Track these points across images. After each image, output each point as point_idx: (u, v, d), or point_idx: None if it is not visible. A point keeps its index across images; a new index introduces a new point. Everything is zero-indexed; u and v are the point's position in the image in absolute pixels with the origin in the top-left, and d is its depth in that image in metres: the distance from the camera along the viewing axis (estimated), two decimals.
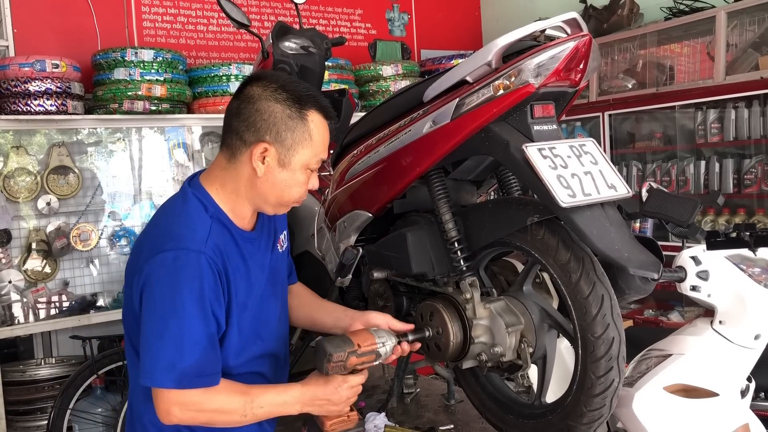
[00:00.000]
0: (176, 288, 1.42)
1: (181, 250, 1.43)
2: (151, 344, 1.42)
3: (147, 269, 1.45)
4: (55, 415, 2.99)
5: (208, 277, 1.44)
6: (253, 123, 1.49)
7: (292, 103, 1.50)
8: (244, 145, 1.50)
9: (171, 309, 1.41)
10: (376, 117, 1.94)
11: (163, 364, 1.41)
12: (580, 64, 1.49)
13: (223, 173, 1.55)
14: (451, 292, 1.74)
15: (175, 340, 1.41)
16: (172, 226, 1.50)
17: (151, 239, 1.51)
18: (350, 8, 5.26)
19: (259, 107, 1.49)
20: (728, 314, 1.70)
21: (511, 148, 1.50)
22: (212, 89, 4.02)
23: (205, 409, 1.46)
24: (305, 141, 1.51)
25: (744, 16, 3.94)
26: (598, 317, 1.45)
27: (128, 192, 3.94)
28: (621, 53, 4.57)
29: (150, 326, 1.43)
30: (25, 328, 3.56)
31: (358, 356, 1.55)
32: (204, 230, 1.48)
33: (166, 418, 1.44)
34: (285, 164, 1.51)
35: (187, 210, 1.52)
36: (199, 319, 1.43)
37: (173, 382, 1.41)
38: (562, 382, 1.63)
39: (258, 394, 1.51)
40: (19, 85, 3.47)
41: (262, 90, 1.50)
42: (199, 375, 1.43)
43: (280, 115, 1.49)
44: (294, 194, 1.57)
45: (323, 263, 2.27)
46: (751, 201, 3.99)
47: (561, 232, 1.51)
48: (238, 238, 1.56)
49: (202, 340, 1.43)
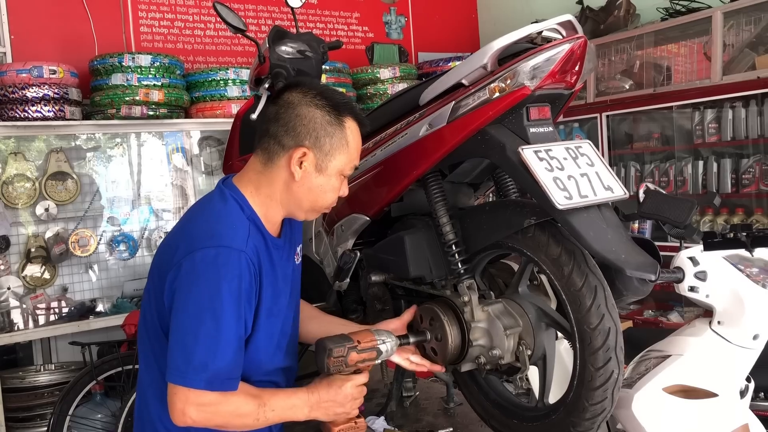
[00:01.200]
0: (216, 286, 1.41)
1: (223, 248, 1.43)
2: (186, 341, 1.41)
3: (186, 265, 1.43)
4: (54, 422, 2.99)
5: (246, 278, 1.45)
6: (293, 128, 1.50)
7: (331, 109, 1.52)
8: (282, 149, 1.51)
9: (209, 307, 1.40)
10: (372, 120, 1.94)
11: (196, 364, 1.39)
12: (575, 66, 1.49)
13: (258, 177, 1.56)
14: (449, 295, 1.74)
15: (209, 340, 1.40)
16: (212, 224, 1.50)
17: (189, 236, 1.49)
18: (347, 11, 5.27)
19: (299, 112, 1.51)
20: (727, 314, 1.70)
21: (507, 151, 1.50)
22: (210, 94, 4.02)
23: (221, 411, 1.45)
24: (342, 147, 1.53)
25: (740, 16, 3.94)
26: (592, 308, 1.45)
27: (127, 197, 3.94)
28: (618, 54, 4.58)
29: (185, 322, 1.42)
30: (25, 334, 3.56)
31: (358, 352, 1.54)
32: (244, 231, 1.49)
33: (180, 418, 1.42)
34: (322, 169, 1.53)
35: (227, 210, 1.52)
36: (234, 319, 1.43)
37: (204, 383, 1.40)
38: (563, 385, 1.63)
39: (269, 398, 1.51)
40: (16, 91, 3.47)
41: (302, 96, 1.52)
42: (228, 378, 1.43)
43: (320, 121, 1.51)
44: (328, 199, 1.59)
45: (321, 267, 2.27)
46: (750, 200, 4.00)
47: (551, 229, 1.51)
48: (269, 244, 1.56)
49: (234, 341, 1.43)
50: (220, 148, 4.16)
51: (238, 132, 2.53)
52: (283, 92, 1.56)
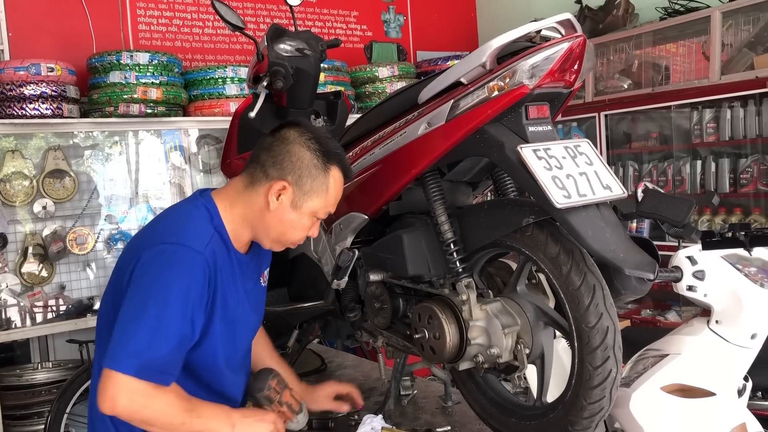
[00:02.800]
0: (166, 279, 1.46)
1: (181, 246, 1.49)
2: (126, 327, 1.44)
3: (144, 257, 1.49)
4: (52, 420, 2.98)
5: (198, 279, 1.49)
6: (280, 161, 1.58)
7: (320, 154, 1.59)
8: (265, 178, 1.59)
9: (155, 297, 1.45)
10: (371, 119, 1.94)
11: (131, 350, 1.41)
12: (574, 65, 1.49)
13: (236, 195, 1.63)
14: (448, 293, 1.74)
15: (149, 329, 1.43)
16: (176, 224, 1.58)
17: (155, 232, 1.58)
18: (346, 10, 5.26)
19: (290, 149, 1.59)
20: (725, 314, 1.70)
21: (506, 150, 1.50)
22: (208, 92, 4.01)
23: (150, 405, 1.45)
24: (322, 191, 1.61)
25: (739, 16, 3.94)
26: (590, 307, 1.45)
27: (125, 195, 3.94)
28: (616, 53, 4.58)
29: (129, 310, 1.46)
30: (22, 332, 3.55)
31: (291, 395, 1.73)
32: (206, 235, 1.55)
33: (109, 404, 1.42)
34: (297, 206, 1.60)
35: (194, 214, 1.59)
36: (179, 316, 1.46)
37: (134, 369, 1.41)
38: (561, 384, 1.63)
39: (199, 405, 1.54)
40: (14, 88, 3.46)
41: (298, 135, 1.61)
42: (161, 371, 1.45)
43: (307, 162, 1.58)
44: (295, 236, 1.66)
45: (319, 266, 2.26)
46: (748, 200, 4.00)
47: (549, 228, 1.52)
48: (233, 256, 1.62)
49: (174, 336, 1.45)
50: (218, 146, 4.16)
51: (237, 130, 2.52)
52: (283, 127, 1.64)
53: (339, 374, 2.92)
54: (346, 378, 2.86)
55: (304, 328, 2.60)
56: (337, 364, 3.01)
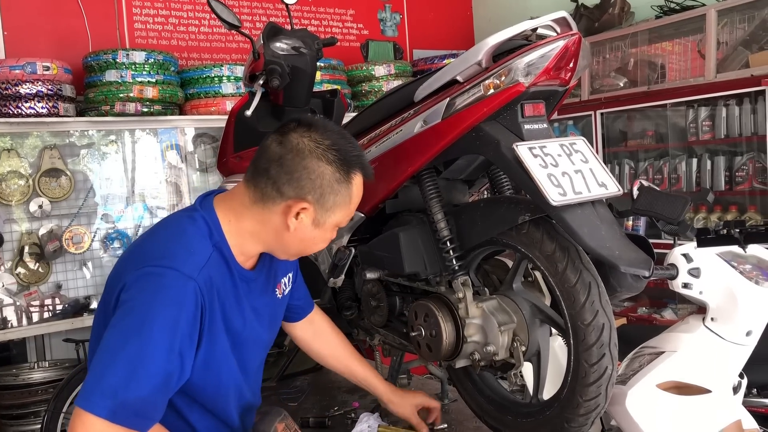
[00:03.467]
0: (151, 308, 1.28)
1: (170, 270, 1.32)
2: (103, 361, 1.26)
3: (130, 280, 1.33)
4: (48, 419, 2.97)
5: (188, 309, 1.32)
6: (297, 179, 1.38)
7: (340, 165, 1.40)
8: (280, 196, 1.40)
9: (137, 329, 1.26)
10: (367, 117, 1.94)
11: (105, 388, 1.23)
12: (569, 63, 1.50)
13: (243, 210, 1.44)
14: (444, 291, 1.74)
15: (127, 366, 1.25)
16: (169, 242, 1.39)
17: (143, 251, 1.41)
18: (342, 9, 5.26)
19: (308, 165, 1.38)
20: (720, 311, 1.71)
21: (501, 147, 1.50)
22: (204, 90, 4.01)
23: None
24: (345, 204, 1.44)
25: (734, 14, 3.95)
26: (586, 304, 1.46)
27: (121, 194, 3.93)
28: (612, 52, 4.58)
29: (109, 341, 1.28)
30: (18, 331, 3.54)
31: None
32: (202, 257, 1.37)
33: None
34: (319, 224, 1.44)
35: (191, 231, 1.41)
36: (163, 351, 1.28)
37: (106, 411, 1.22)
38: (557, 381, 1.63)
39: None
40: (9, 87, 3.45)
41: (314, 146, 1.39)
42: (137, 414, 1.26)
43: (329, 178, 1.39)
44: (317, 248, 1.52)
45: (316, 264, 2.27)
46: (743, 198, 4.01)
47: (545, 225, 1.52)
48: (236, 275, 1.46)
49: (156, 375, 1.27)
50: (214, 145, 4.15)
51: (233, 129, 2.52)
52: (292, 132, 1.41)
53: (335, 372, 2.92)
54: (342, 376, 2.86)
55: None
56: None
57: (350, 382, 2.12)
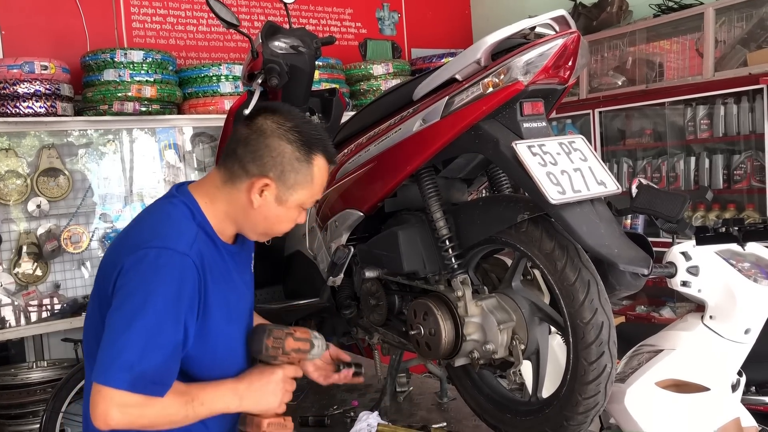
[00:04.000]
0: (153, 286, 1.37)
1: (165, 250, 1.40)
2: (115, 339, 1.35)
3: (127, 264, 1.40)
4: (47, 419, 2.97)
5: (188, 282, 1.41)
6: (260, 156, 1.48)
7: (301, 145, 1.50)
8: (245, 174, 1.50)
9: (142, 306, 1.36)
10: (366, 116, 1.94)
11: (121, 363, 1.33)
12: (568, 61, 1.50)
13: (215, 191, 1.54)
14: (443, 290, 1.75)
15: (139, 340, 1.35)
16: (157, 226, 1.48)
17: (134, 237, 1.48)
18: (340, 8, 5.26)
19: (269, 143, 1.49)
20: (718, 309, 1.71)
21: (500, 146, 1.50)
22: (202, 90, 4.01)
23: (146, 414, 1.38)
24: (307, 183, 1.52)
25: (732, 13, 3.96)
26: (585, 302, 1.46)
27: (119, 194, 3.92)
28: (610, 50, 4.59)
29: (117, 321, 1.37)
30: (16, 331, 3.54)
31: (295, 340, 1.60)
32: (190, 235, 1.46)
33: (102, 420, 1.34)
34: (282, 201, 1.52)
35: (175, 213, 1.50)
36: (171, 323, 1.38)
37: (127, 383, 1.33)
38: (556, 379, 1.63)
39: (198, 392, 1.47)
40: (7, 87, 3.45)
41: (276, 126, 1.50)
42: (154, 382, 1.37)
43: (288, 156, 1.49)
44: (282, 228, 1.59)
45: (315, 263, 2.27)
46: (741, 196, 4.02)
47: (544, 224, 1.52)
48: (222, 250, 1.55)
49: (167, 345, 1.38)
50: (212, 144, 4.15)
51: (231, 128, 2.52)
52: (258, 116, 1.53)
53: None
54: None
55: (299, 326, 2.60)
56: None
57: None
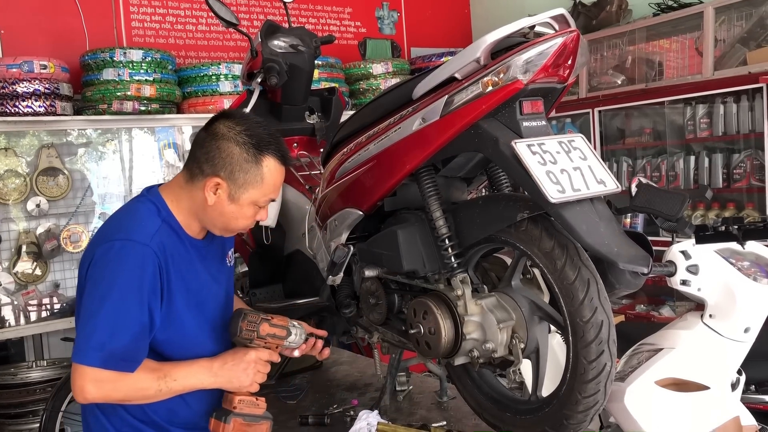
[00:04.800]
0: (116, 274, 1.54)
1: (127, 241, 1.56)
2: (86, 322, 1.53)
3: (94, 256, 1.57)
4: (47, 418, 2.97)
5: (148, 270, 1.56)
6: (212, 158, 1.62)
7: (250, 147, 1.62)
8: (201, 174, 1.64)
9: (108, 292, 1.52)
10: (365, 115, 1.94)
11: (93, 343, 1.50)
12: (568, 60, 1.49)
13: (179, 191, 1.68)
14: (443, 289, 1.74)
15: (108, 322, 1.51)
16: (123, 220, 1.65)
17: (104, 231, 1.66)
18: (340, 7, 5.26)
19: (220, 145, 1.62)
20: (718, 308, 1.71)
21: (500, 145, 1.50)
22: (202, 89, 4.01)
23: (120, 387, 1.55)
24: (256, 183, 1.64)
25: (731, 12, 3.96)
26: (585, 301, 1.46)
27: (119, 193, 3.92)
28: (610, 49, 4.59)
29: (88, 306, 1.54)
30: (16, 330, 3.54)
31: (270, 325, 1.72)
32: (152, 227, 1.61)
33: (80, 395, 1.52)
34: (234, 199, 1.64)
35: (140, 209, 1.66)
36: (135, 306, 1.54)
37: (99, 361, 1.50)
38: (556, 378, 1.63)
39: (170, 369, 1.62)
40: (6, 86, 3.45)
41: (227, 130, 1.63)
42: (124, 359, 1.53)
43: (237, 158, 1.62)
44: (239, 225, 1.71)
45: (314, 262, 2.27)
46: (741, 195, 4.02)
47: (544, 222, 1.52)
48: (187, 243, 1.69)
49: (134, 326, 1.54)
50: None
51: None
52: (215, 121, 1.66)
53: (334, 370, 2.93)
54: (341, 374, 2.87)
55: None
56: (332, 360, 3.01)
57: (349, 380, 2.12)
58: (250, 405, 1.70)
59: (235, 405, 1.68)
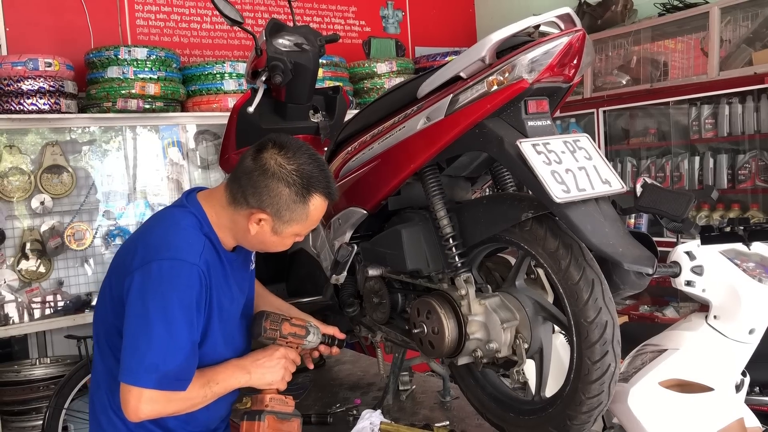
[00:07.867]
0: (169, 295, 1.53)
1: (177, 261, 1.55)
2: (139, 344, 1.52)
3: (141, 274, 1.54)
4: (50, 415, 2.98)
5: (196, 289, 1.56)
6: (259, 193, 1.59)
7: (299, 188, 1.58)
8: (246, 204, 1.61)
9: (162, 314, 1.52)
10: (370, 114, 1.94)
11: (147, 365, 1.50)
12: (573, 59, 1.49)
13: (221, 209, 1.66)
14: (446, 288, 1.74)
15: (160, 343, 1.51)
16: (169, 236, 1.61)
17: (147, 245, 1.60)
18: (344, 5, 5.25)
19: (269, 184, 1.58)
20: (723, 309, 1.71)
21: (505, 144, 1.50)
22: (206, 87, 4.00)
23: (173, 404, 1.57)
24: (302, 220, 1.63)
25: (737, 12, 3.94)
26: (589, 302, 1.45)
27: (123, 191, 3.93)
28: (615, 49, 4.57)
29: (139, 327, 1.53)
30: (20, 328, 3.54)
31: (291, 325, 1.77)
32: (199, 246, 1.60)
33: (134, 415, 1.53)
34: (277, 233, 1.64)
35: (185, 224, 1.63)
36: (186, 326, 1.54)
37: (153, 383, 1.51)
38: (559, 379, 1.63)
39: (212, 374, 1.64)
40: (11, 84, 3.45)
41: (278, 168, 1.57)
42: (178, 378, 1.55)
43: (285, 199, 1.59)
44: (278, 249, 1.72)
45: (318, 261, 2.27)
46: (746, 196, 4.00)
47: (548, 222, 1.52)
48: (223, 258, 1.69)
49: (186, 346, 1.54)
50: (216, 142, 4.14)
51: (235, 125, 2.52)
52: (265, 150, 1.59)
53: (337, 369, 2.93)
54: (344, 373, 2.87)
55: None
56: (335, 359, 3.01)
57: (352, 380, 2.12)
58: (281, 403, 1.73)
59: (266, 403, 1.71)
